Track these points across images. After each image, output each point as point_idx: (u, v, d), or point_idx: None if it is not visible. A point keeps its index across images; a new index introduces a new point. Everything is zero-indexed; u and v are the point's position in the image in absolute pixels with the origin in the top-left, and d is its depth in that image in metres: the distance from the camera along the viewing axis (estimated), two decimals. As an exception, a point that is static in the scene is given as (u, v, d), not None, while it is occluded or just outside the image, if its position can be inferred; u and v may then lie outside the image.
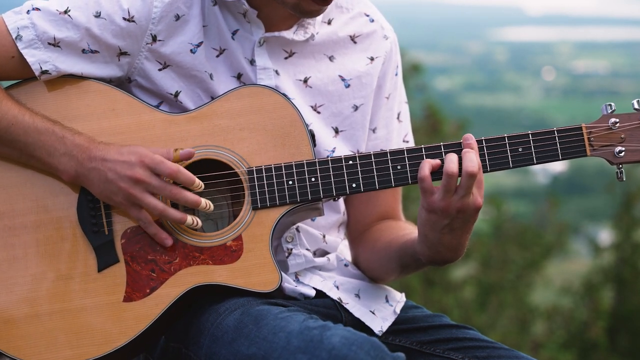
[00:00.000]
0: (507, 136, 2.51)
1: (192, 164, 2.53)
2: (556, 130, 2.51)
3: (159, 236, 2.49)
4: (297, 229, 2.66)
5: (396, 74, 2.82)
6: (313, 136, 2.58)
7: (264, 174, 2.52)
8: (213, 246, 2.51)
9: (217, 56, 2.62)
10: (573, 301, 17.93)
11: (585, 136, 2.51)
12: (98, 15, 2.53)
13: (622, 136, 2.51)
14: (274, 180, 2.52)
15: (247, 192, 2.52)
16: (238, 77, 2.63)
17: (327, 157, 2.55)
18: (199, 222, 2.49)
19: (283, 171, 2.52)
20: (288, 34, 2.64)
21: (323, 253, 2.74)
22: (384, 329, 2.69)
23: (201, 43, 2.59)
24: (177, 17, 2.57)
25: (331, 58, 2.71)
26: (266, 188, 2.52)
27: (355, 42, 2.74)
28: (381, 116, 2.79)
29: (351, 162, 2.52)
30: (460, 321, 2.87)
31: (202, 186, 2.48)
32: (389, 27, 2.81)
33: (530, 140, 2.51)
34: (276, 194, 2.52)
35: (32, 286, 2.51)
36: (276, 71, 2.64)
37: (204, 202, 2.48)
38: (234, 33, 2.63)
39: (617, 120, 2.51)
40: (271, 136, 2.55)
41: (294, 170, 2.52)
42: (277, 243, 2.65)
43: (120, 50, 2.56)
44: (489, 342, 2.65)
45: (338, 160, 2.52)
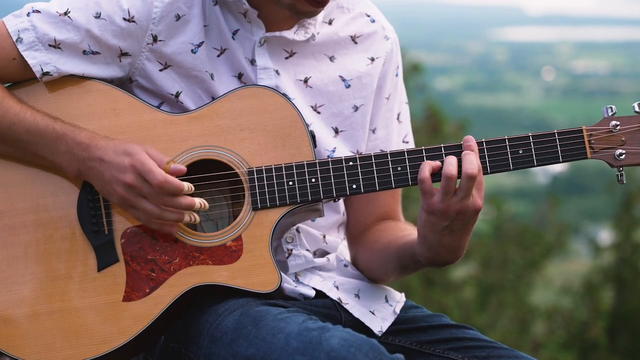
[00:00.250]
0: (508, 138, 2.51)
1: (193, 165, 2.53)
2: (557, 132, 2.51)
3: (163, 228, 2.48)
4: (297, 230, 2.66)
5: (396, 75, 2.82)
6: (313, 137, 2.58)
7: (264, 175, 2.52)
8: (213, 246, 2.51)
9: (218, 56, 2.62)
10: (573, 301, 17.93)
11: (585, 139, 2.51)
12: (98, 16, 2.53)
13: (623, 139, 2.51)
14: (274, 180, 2.52)
15: (247, 193, 2.52)
16: (239, 77, 2.63)
17: (328, 158, 2.55)
18: (197, 218, 2.49)
19: (283, 172, 2.52)
20: (289, 34, 2.64)
21: (323, 253, 2.74)
22: (384, 329, 2.69)
23: (202, 43, 2.59)
24: (178, 17, 2.57)
25: (332, 58, 2.71)
26: (266, 188, 2.52)
27: (356, 43, 2.74)
28: (381, 117, 2.79)
29: (351, 163, 2.52)
30: (460, 321, 2.87)
31: (192, 188, 2.47)
32: (390, 28, 2.81)
33: (530, 142, 2.51)
34: (276, 195, 2.51)
35: (32, 285, 2.51)
36: (276, 71, 2.64)
37: (198, 202, 2.47)
38: (235, 33, 2.63)
39: (618, 122, 2.51)
40: (272, 137, 2.55)
41: (294, 170, 2.52)
42: (277, 243, 2.65)
43: (121, 50, 2.56)
44: (489, 342, 2.65)
45: (338, 161, 2.52)
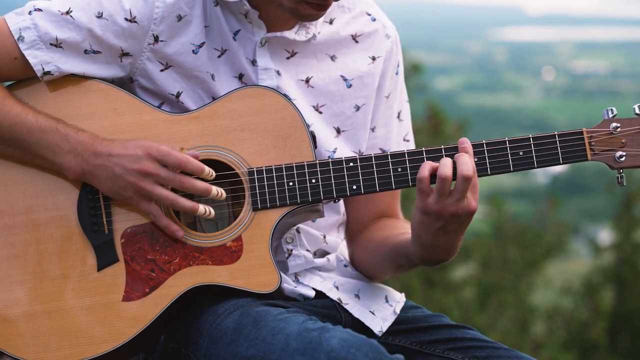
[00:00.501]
0: (508, 139, 2.51)
1: (193, 165, 2.53)
2: (557, 134, 2.51)
3: (171, 229, 2.48)
4: (298, 230, 2.66)
5: (397, 73, 2.81)
6: (314, 137, 2.58)
7: (265, 175, 2.52)
8: (213, 246, 2.51)
9: (219, 56, 2.62)
10: (573, 301, 17.94)
11: (586, 141, 2.51)
12: (100, 15, 2.53)
13: (623, 141, 2.51)
14: (275, 181, 2.52)
15: (248, 193, 2.52)
16: (239, 78, 2.63)
17: (328, 159, 2.54)
18: (212, 211, 2.48)
19: (283, 172, 2.52)
20: (290, 34, 2.64)
21: (323, 253, 2.74)
22: (384, 329, 2.69)
23: (203, 44, 2.59)
24: (179, 18, 2.57)
25: (333, 58, 2.71)
26: (266, 189, 2.52)
27: (357, 42, 2.74)
28: (380, 115, 2.78)
29: (352, 164, 2.52)
30: (460, 321, 2.87)
31: (214, 174, 2.47)
32: (391, 26, 2.81)
33: (531, 143, 2.50)
34: (276, 195, 2.51)
35: (32, 284, 2.51)
36: (277, 71, 2.64)
37: (215, 190, 2.47)
38: (236, 33, 2.63)
39: (618, 125, 2.51)
40: (272, 137, 2.55)
41: (295, 171, 2.52)
42: (277, 244, 2.65)
43: (122, 50, 2.55)
44: (489, 342, 2.65)
45: (339, 161, 2.52)
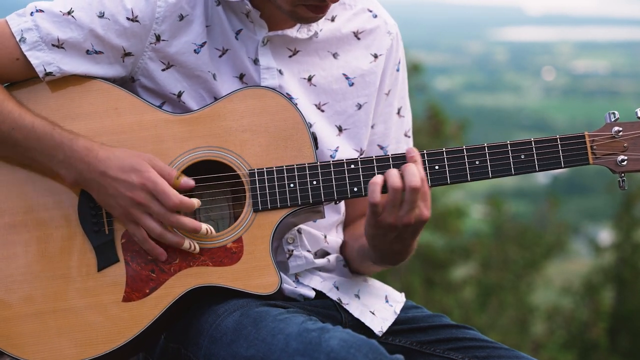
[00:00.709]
0: (510, 143, 2.51)
1: (194, 165, 2.53)
2: (559, 137, 2.50)
3: (154, 252, 2.49)
4: (299, 231, 2.65)
5: (398, 70, 2.81)
6: (315, 139, 2.58)
7: (266, 176, 2.52)
8: (213, 247, 2.51)
9: (220, 56, 2.62)
10: (573, 301, 17.96)
11: (588, 144, 2.51)
12: (102, 15, 2.53)
13: (625, 145, 2.50)
14: (276, 182, 2.52)
15: (249, 194, 2.52)
16: (240, 78, 2.63)
17: (329, 161, 2.54)
18: (197, 247, 2.49)
19: (284, 174, 2.52)
20: (291, 32, 2.63)
21: (324, 254, 2.73)
22: (384, 330, 2.69)
23: (204, 43, 2.59)
24: (181, 17, 2.57)
25: (335, 55, 2.71)
26: (267, 190, 2.51)
27: (358, 39, 2.74)
28: (380, 112, 2.78)
29: (353, 166, 2.52)
30: (460, 321, 2.87)
31: (200, 203, 2.48)
32: (393, 23, 2.81)
33: (532, 147, 2.50)
34: (277, 197, 2.51)
35: (32, 284, 2.51)
36: (280, 70, 2.63)
37: (204, 228, 2.47)
38: (238, 33, 2.62)
39: (620, 128, 2.50)
40: (273, 138, 2.55)
41: (296, 173, 2.52)
42: (278, 244, 2.64)
43: (124, 50, 2.55)
44: (489, 342, 2.65)
45: (340, 163, 2.52)
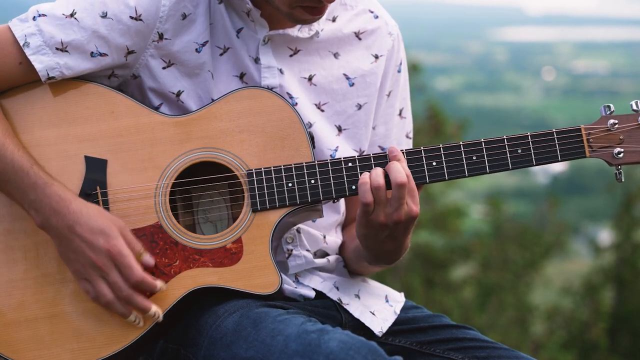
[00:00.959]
0: (507, 137, 2.52)
1: (192, 166, 2.53)
2: (555, 131, 2.51)
3: (109, 307, 2.46)
4: (298, 230, 2.65)
5: (399, 71, 2.81)
6: (312, 138, 2.58)
7: (264, 176, 2.52)
8: (213, 248, 2.51)
9: (221, 55, 2.62)
10: (573, 301, 17.95)
11: (584, 137, 2.52)
12: (105, 15, 2.52)
13: (621, 137, 2.51)
14: (274, 182, 2.52)
15: (247, 195, 2.52)
16: (241, 77, 2.63)
17: (326, 159, 2.54)
18: (141, 322, 2.46)
19: (282, 173, 2.52)
20: (292, 31, 2.64)
21: (323, 254, 2.74)
22: (384, 330, 2.69)
23: (206, 42, 2.59)
24: (184, 16, 2.57)
25: (336, 55, 2.71)
26: (265, 190, 2.52)
27: (359, 39, 2.74)
28: (381, 113, 2.79)
29: (350, 164, 2.52)
30: (460, 321, 2.87)
31: (165, 287, 2.46)
32: (394, 24, 2.81)
33: (529, 141, 2.51)
34: (276, 196, 2.51)
35: (32, 289, 2.50)
36: (280, 70, 2.64)
37: (154, 310, 2.45)
38: (239, 31, 2.62)
39: (616, 121, 2.51)
40: (270, 138, 2.55)
41: (294, 172, 2.52)
42: (277, 244, 2.64)
43: (128, 49, 2.55)
44: (489, 342, 2.65)
45: (337, 162, 2.52)
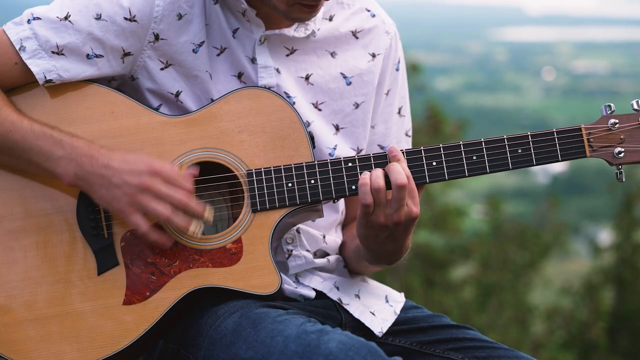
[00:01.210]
0: (507, 137, 2.51)
1: (192, 166, 2.53)
2: (555, 131, 2.51)
3: (160, 241, 2.48)
4: (298, 230, 2.66)
5: (397, 69, 2.81)
6: (312, 138, 2.58)
7: (264, 177, 2.52)
8: (213, 249, 2.51)
9: (218, 55, 2.62)
10: (573, 301, 17.96)
11: (584, 137, 2.51)
12: (99, 17, 2.53)
13: (622, 137, 2.51)
14: (274, 182, 2.52)
15: (247, 195, 2.52)
16: (239, 77, 2.63)
17: (328, 158, 2.54)
18: (199, 232, 2.48)
19: (282, 173, 2.52)
20: (289, 31, 2.64)
21: (323, 254, 2.74)
22: (384, 330, 2.69)
23: (203, 43, 2.59)
24: (180, 17, 2.57)
25: (333, 54, 2.71)
26: (265, 190, 2.52)
27: (357, 38, 2.74)
28: (380, 112, 2.79)
29: (350, 164, 2.52)
30: (460, 321, 2.87)
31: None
32: (391, 22, 2.81)
33: (529, 141, 2.51)
34: (275, 197, 2.51)
35: (32, 289, 2.51)
36: (277, 69, 2.63)
37: (207, 212, 2.47)
38: (235, 32, 2.62)
39: (617, 121, 2.51)
40: (270, 138, 2.55)
41: (294, 172, 2.52)
42: (277, 244, 2.64)
43: (123, 50, 2.55)
44: (489, 342, 2.65)
45: (337, 162, 2.52)
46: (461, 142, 2.51)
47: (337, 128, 2.71)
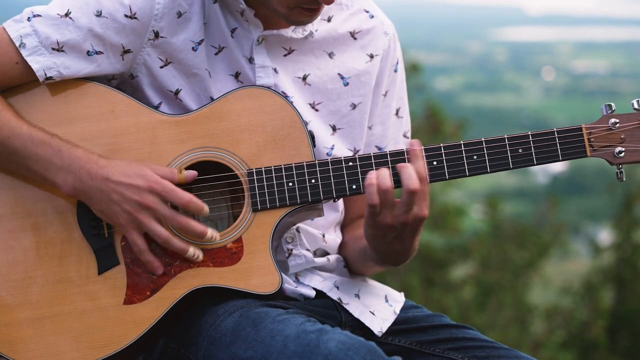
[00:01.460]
0: (507, 137, 2.51)
1: (192, 166, 2.53)
2: (556, 130, 2.51)
3: (152, 265, 2.48)
4: (297, 230, 2.66)
5: (395, 70, 2.81)
6: (313, 137, 2.58)
7: (264, 176, 2.52)
8: (213, 248, 2.50)
9: (216, 54, 2.62)
10: (573, 301, 17.96)
11: (585, 137, 2.51)
12: (99, 14, 2.53)
13: (622, 136, 2.51)
14: (274, 181, 2.52)
15: (247, 194, 2.52)
16: (236, 76, 2.63)
17: (327, 157, 2.54)
18: (200, 255, 2.48)
19: (283, 173, 2.52)
20: (287, 32, 2.64)
21: (323, 253, 2.74)
22: (384, 330, 2.69)
23: (202, 41, 2.59)
24: (179, 14, 2.57)
25: (331, 55, 2.71)
26: (266, 190, 2.51)
27: (355, 39, 2.74)
28: (378, 113, 2.79)
29: (351, 164, 2.52)
30: (459, 321, 2.87)
31: (207, 210, 2.48)
32: (389, 23, 2.81)
33: (530, 140, 2.51)
34: (276, 196, 2.51)
35: (33, 289, 2.51)
36: (275, 69, 2.64)
37: (210, 233, 2.47)
38: (233, 31, 2.63)
39: (617, 120, 2.51)
40: (271, 137, 2.55)
41: (294, 171, 2.52)
42: (277, 243, 2.65)
43: (123, 48, 2.55)
44: (489, 342, 2.65)
45: (338, 161, 2.52)
46: (462, 142, 2.51)
47: (334, 128, 2.71)
